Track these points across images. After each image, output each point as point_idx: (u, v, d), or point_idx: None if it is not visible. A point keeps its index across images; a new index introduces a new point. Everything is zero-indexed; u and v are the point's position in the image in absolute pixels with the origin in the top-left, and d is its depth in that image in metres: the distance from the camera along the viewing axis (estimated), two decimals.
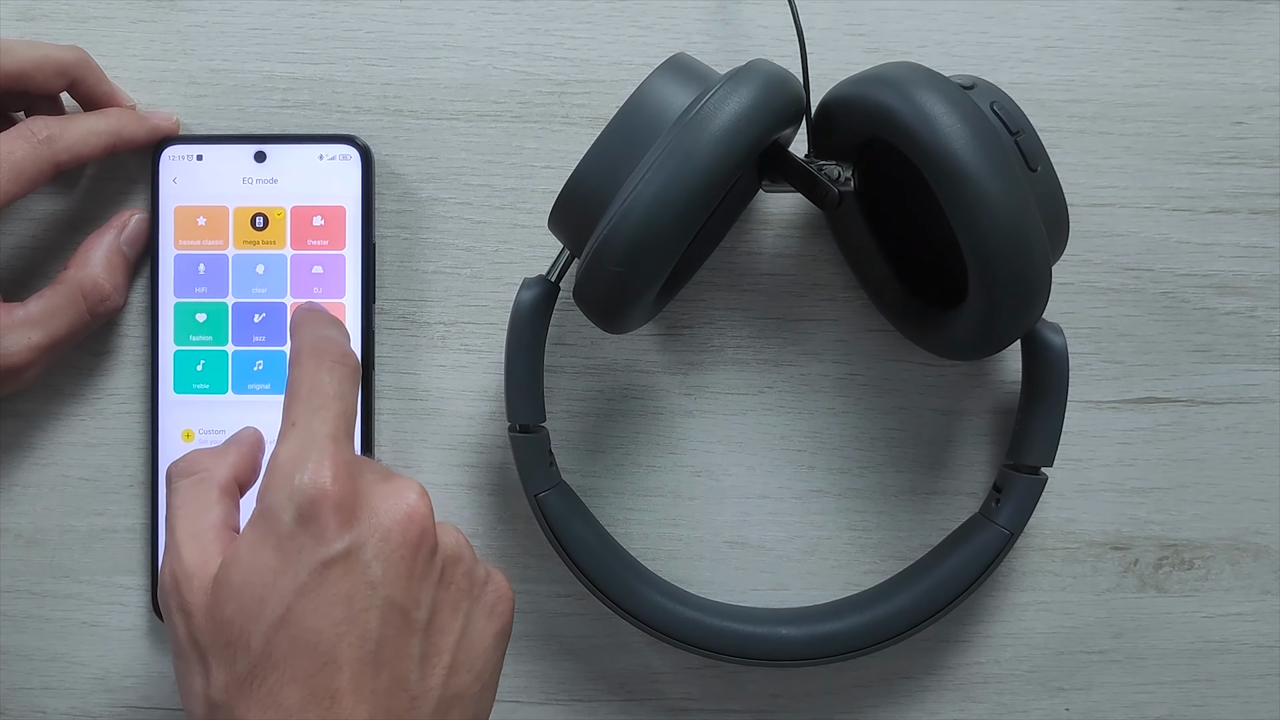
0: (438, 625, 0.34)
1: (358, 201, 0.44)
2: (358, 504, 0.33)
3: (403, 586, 0.33)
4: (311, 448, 0.34)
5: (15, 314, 0.41)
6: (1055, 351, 0.41)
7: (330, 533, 0.33)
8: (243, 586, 0.33)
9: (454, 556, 0.35)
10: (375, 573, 0.33)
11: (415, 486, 0.35)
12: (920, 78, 0.37)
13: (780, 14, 0.45)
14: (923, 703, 0.46)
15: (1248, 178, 0.45)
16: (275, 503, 0.33)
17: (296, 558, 0.32)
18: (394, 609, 0.33)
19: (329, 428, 0.34)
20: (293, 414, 0.35)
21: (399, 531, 0.33)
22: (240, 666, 0.32)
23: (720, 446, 0.45)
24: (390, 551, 0.33)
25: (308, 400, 0.35)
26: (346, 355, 0.36)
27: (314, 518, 0.33)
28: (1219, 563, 0.45)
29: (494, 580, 0.36)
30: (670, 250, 0.36)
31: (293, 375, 0.36)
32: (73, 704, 0.45)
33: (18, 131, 0.41)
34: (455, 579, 0.35)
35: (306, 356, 0.36)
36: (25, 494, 0.45)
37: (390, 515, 0.34)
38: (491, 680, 0.36)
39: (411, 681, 0.33)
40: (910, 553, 0.45)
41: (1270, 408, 0.45)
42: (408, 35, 0.45)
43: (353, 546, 0.33)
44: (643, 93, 0.38)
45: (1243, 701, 0.45)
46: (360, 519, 0.33)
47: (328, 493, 0.33)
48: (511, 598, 0.37)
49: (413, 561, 0.34)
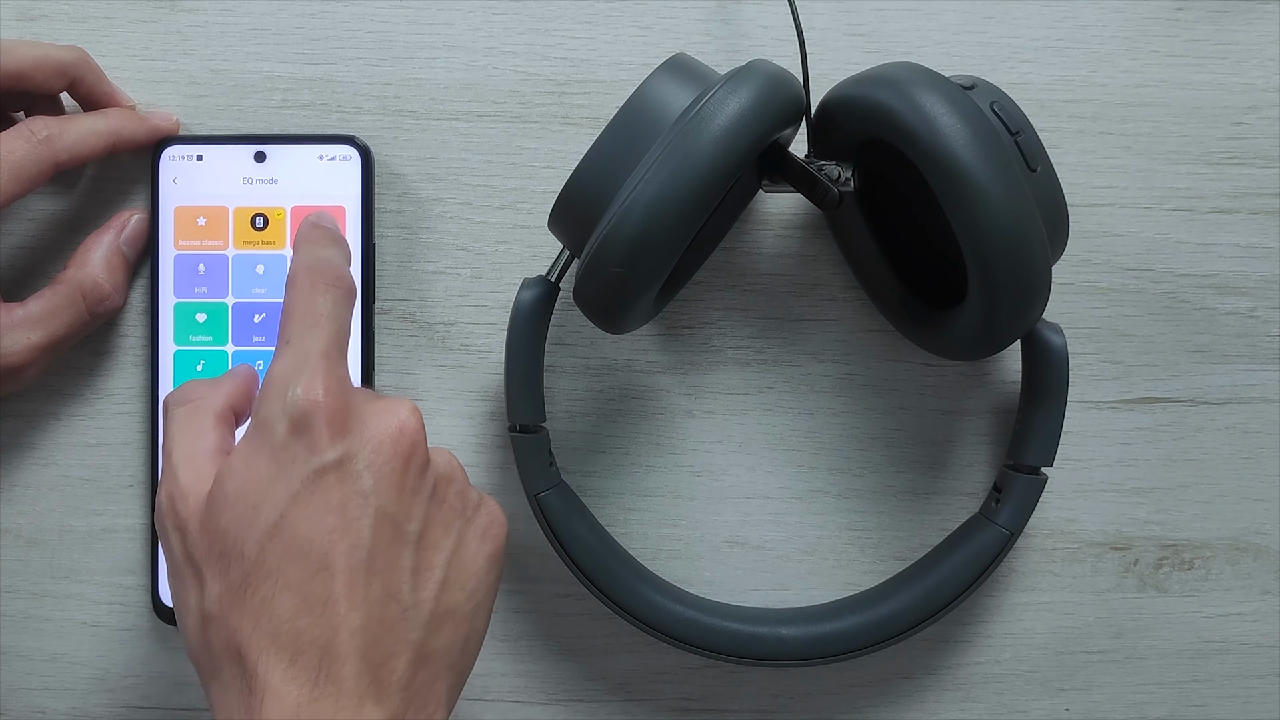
0: (430, 540, 0.35)
1: (358, 201, 0.44)
2: (350, 417, 0.34)
3: (394, 497, 0.34)
4: (305, 363, 0.34)
5: (15, 314, 0.41)
6: (1055, 351, 0.41)
7: (323, 443, 0.33)
8: (237, 496, 0.33)
9: (446, 476, 0.36)
10: (367, 483, 0.33)
11: (407, 404, 0.35)
12: (920, 78, 0.37)
13: (780, 14, 0.45)
14: (923, 703, 0.46)
15: (1248, 178, 0.45)
16: (269, 415, 0.34)
17: (290, 466, 0.33)
18: (386, 519, 0.33)
19: (322, 345, 0.35)
20: (287, 332, 0.35)
21: (390, 444, 0.34)
22: (234, 575, 0.32)
23: (720, 446, 0.45)
24: (382, 463, 0.33)
25: (302, 319, 0.35)
26: (342, 278, 0.37)
27: (307, 428, 0.33)
28: (1219, 563, 0.45)
29: (487, 504, 0.37)
30: (670, 250, 0.36)
31: (289, 295, 0.36)
32: (73, 704, 0.45)
33: (18, 131, 0.41)
34: (448, 497, 0.35)
35: (302, 277, 0.36)
36: (25, 494, 0.45)
37: (382, 429, 0.34)
38: (485, 601, 0.36)
39: (404, 592, 0.33)
40: (910, 553, 0.45)
41: (1270, 408, 0.45)
42: (408, 35, 0.45)
43: (344, 456, 0.33)
44: (643, 93, 0.38)
45: (1243, 701, 0.45)
46: (352, 431, 0.34)
47: (320, 404, 0.33)
48: (505, 523, 0.37)
49: (404, 474, 0.34)
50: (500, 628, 0.45)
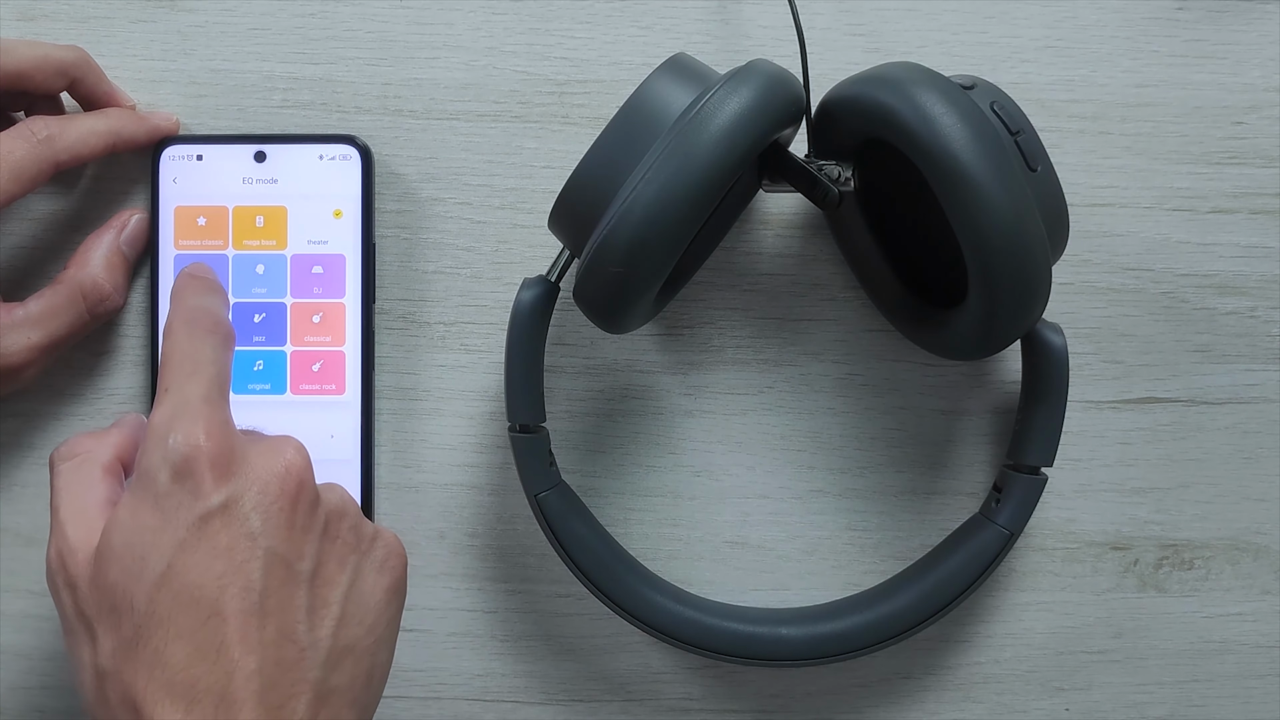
0: (324, 577, 0.34)
1: (358, 201, 0.44)
2: (233, 459, 0.34)
3: (284, 537, 0.33)
4: (185, 409, 0.34)
5: (15, 314, 0.41)
6: (1055, 351, 0.41)
7: (206, 487, 0.33)
8: (124, 549, 0.33)
9: (338, 511, 0.35)
10: (254, 524, 0.33)
11: (292, 442, 0.35)
12: (920, 78, 0.37)
13: (780, 14, 0.45)
14: (923, 703, 0.46)
15: (1248, 178, 0.45)
16: (151, 464, 0.33)
17: (175, 514, 0.33)
18: (276, 560, 0.33)
19: (202, 390, 0.35)
20: (166, 380, 0.35)
21: (276, 484, 0.34)
22: (126, 629, 0.32)
23: (720, 446, 0.45)
24: (269, 503, 0.33)
25: (180, 366, 0.35)
26: (219, 323, 0.37)
27: (189, 474, 0.33)
28: (1219, 563, 0.45)
29: (383, 536, 0.37)
30: (670, 250, 0.36)
31: (165, 344, 0.36)
32: (73, 703, 0.45)
33: (17, 131, 0.41)
34: (340, 532, 0.35)
35: (179, 325, 0.36)
36: (25, 494, 0.45)
37: (267, 469, 0.34)
38: (386, 635, 0.36)
39: (299, 632, 0.33)
40: (910, 553, 0.45)
41: (1270, 408, 0.45)
42: (408, 35, 0.45)
43: (230, 500, 0.33)
44: (643, 93, 0.38)
45: (1243, 701, 0.45)
46: (236, 474, 0.33)
47: (201, 449, 0.33)
48: (403, 554, 0.37)
49: (292, 513, 0.34)
50: (500, 628, 0.45)
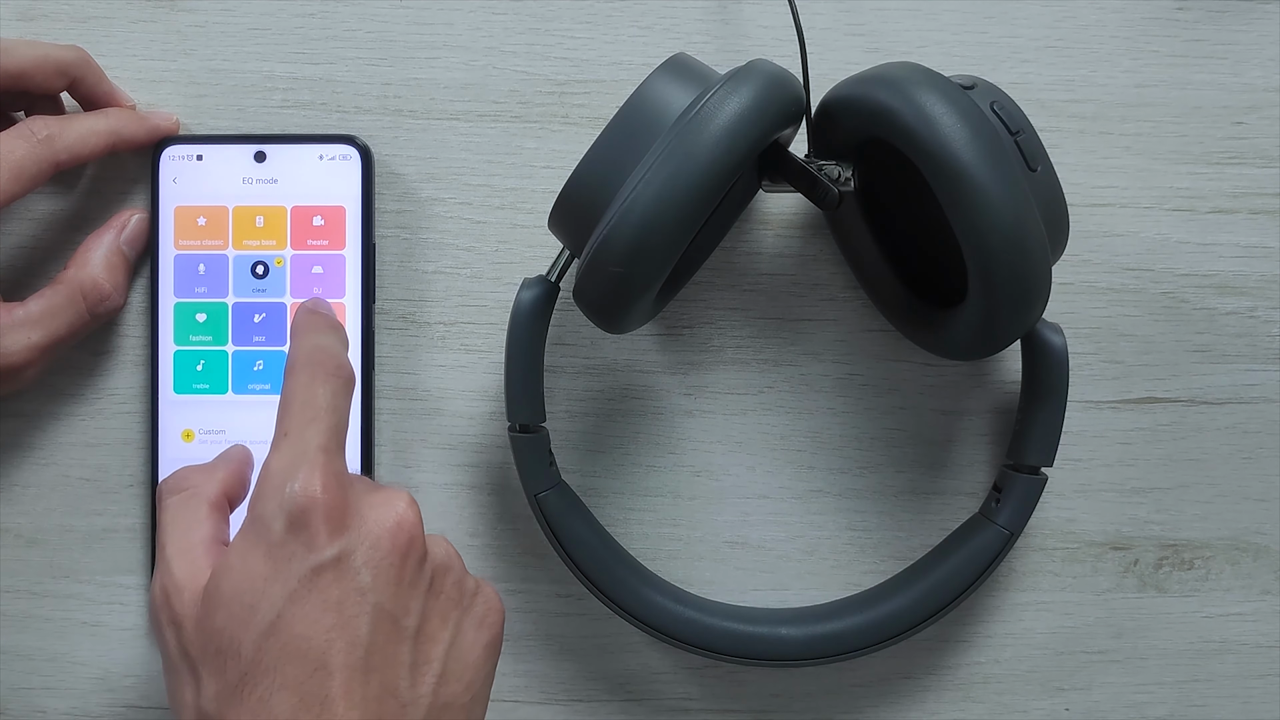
0: (427, 633, 0.34)
1: (358, 201, 0.44)
2: (347, 512, 0.34)
3: (392, 593, 0.33)
4: (303, 458, 0.34)
5: (15, 314, 0.41)
6: (1055, 351, 0.41)
7: (320, 540, 0.33)
8: (233, 594, 0.33)
9: (444, 566, 0.35)
10: (365, 579, 0.33)
11: (404, 496, 0.35)
12: (920, 78, 0.37)
13: (780, 14, 0.45)
14: (923, 703, 0.46)
15: (1248, 178, 0.45)
16: (266, 511, 0.33)
17: (287, 565, 0.33)
18: (384, 615, 0.33)
19: (321, 439, 0.34)
20: (285, 424, 0.35)
21: (388, 539, 0.34)
22: (231, 674, 0.32)
23: (720, 446, 0.45)
24: (380, 559, 0.33)
25: (301, 412, 0.35)
26: (341, 367, 0.37)
27: (304, 525, 0.33)
28: (1219, 563, 0.45)
29: (483, 592, 0.37)
30: (670, 250, 0.36)
31: (287, 385, 0.36)
32: (73, 704, 0.45)
33: (18, 131, 0.41)
34: (445, 588, 0.35)
35: (301, 367, 0.36)
36: (25, 494, 0.45)
37: (380, 524, 0.34)
38: (482, 692, 0.36)
39: (402, 689, 0.33)
40: (910, 553, 0.45)
41: (1270, 408, 0.45)
42: (408, 35, 0.45)
43: (342, 554, 0.33)
44: (643, 93, 0.38)
45: (1243, 701, 0.45)
46: (350, 527, 0.33)
47: (318, 501, 0.33)
48: (501, 609, 0.37)
49: (402, 569, 0.34)
50: None
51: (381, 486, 0.36)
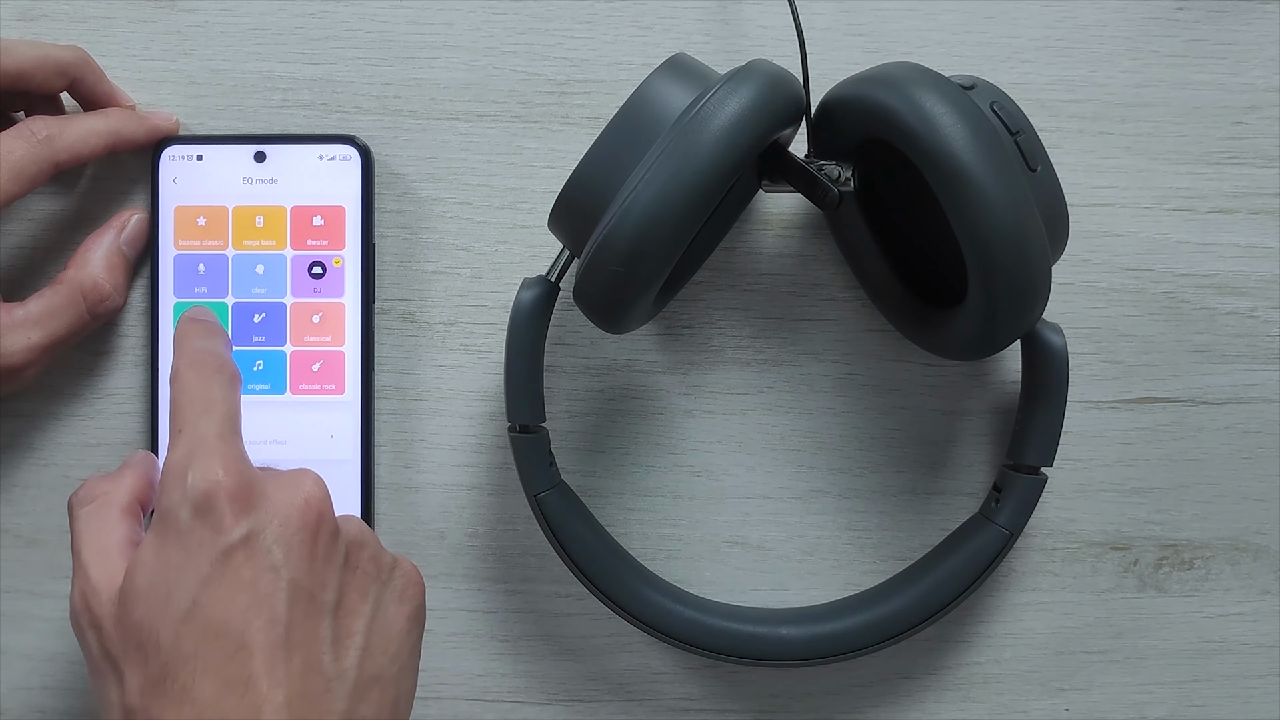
0: (347, 607, 0.35)
1: (358, 201, 0.44)
2: (252, 493, 0.34)
3: (306, 569, 0.34)
4: (200, 447, 0.34)
5: (15, 314, 0.41)
6: (1055, 351, 0.41)
7: (227, 522, 0.33)
8: (148, 587, 0.33)
9: (358, 542, 0.36)
10: (277, 556, 0.33)
11: (310, 475, 0.35)
12: (920, 78, 0.37)
13: (780, 14, 0.45)
14: (923, 703, 0.46)
15: (1248, 178, 0.45)
16: (171, 503, 0.34)
17: (198, 550, 0.33)
18: (300, 591, 0.33)
19: (215, 427, 0.35)
20: (178, 421, 0.36)
21: (297, 516, 0.34)
22: (153, 666, 0.32)
23: (720, 446, 0.45)
24: (290, 535, 0.34)
25: (191, 406, 0.36)
26: (225, 364, 0.37)
27: (210, 510, 0.33)
28: (1219, 563, 0.45)
29: (401, 565, 0.37)
30: (670, 250, 0.36)
31: (174, 388, 0.37)
32: (73, 704, 0.45)
33: (17, 131, 0.41)
34: (361, 563, 0.35)
35: (186, 369, 0.37)
36: (25, 494, 0.45)
37: (287, 501, 0.34)
38: (409, 663, 0.36)
39: (325, 664, 0.33)
40: (910, 553, 0.45)
41: (1270, 408, 0.45)
42: (408, 35, 0.45)
43: (251, 533, 0.33)
44: (643, 93, 0.38)
45: (1243, 701, 0.45)
46: (257, 507, 0.34)
47: (220, 484, 0.33)
48: (421, 582, 0.37)
49: (314, 545, 0.34)
50: (500, 628, 0.45)
51: (285, 470, 0.36)
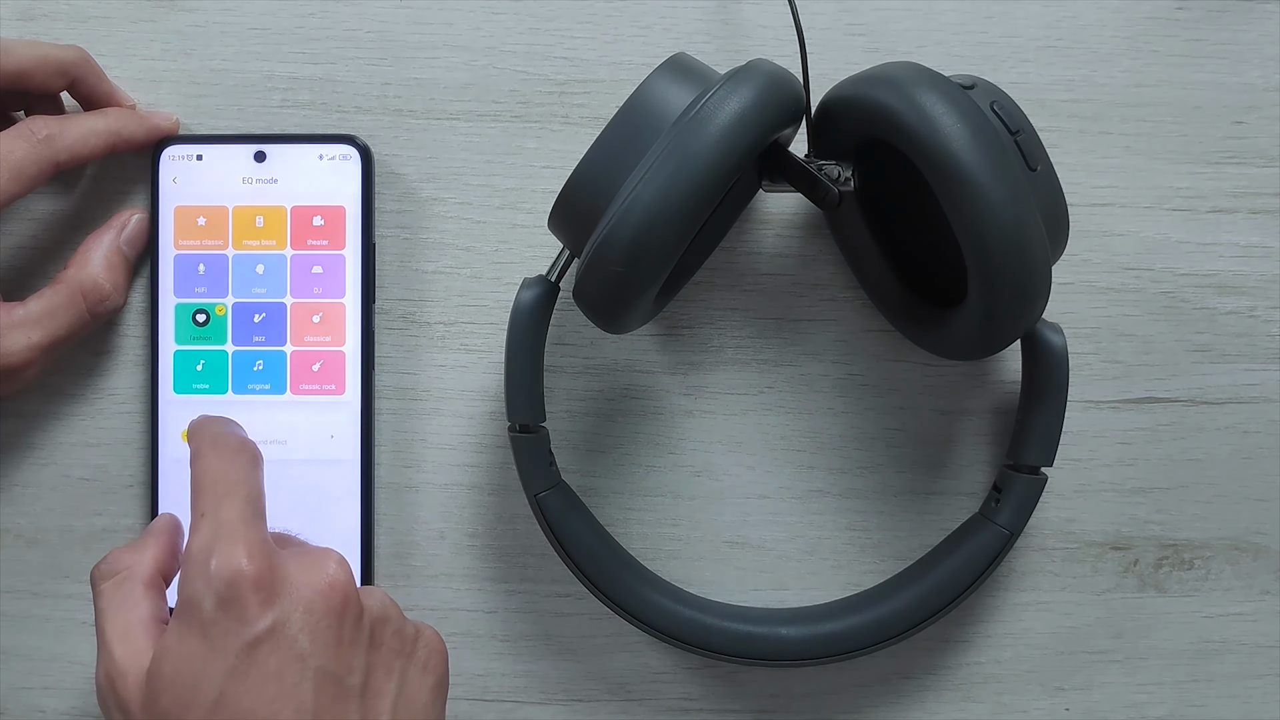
0: (373, 688, 0.35)
1: (358, 201, 0.44)
2: (275, 580, 0.34)
3: (333, 655, 0.33)
4: (222, 533, 0.34)
5: (15, 314, 0.41)
6: (1055, 351, 0.41)
7: (252, 612, 0.33)
8: (174, 677, 0.33)
9: (381, 618, 0.36)
10: (303, 645, 0.33)
11: (333, 555, 0.35)
12: (920, 78, 0.37)
13: (780, 14, 0.45)
14: (923, 703, 0.46)
15: (1248, 178, 0.45)
16: (194, 592, 0.33)
17: (222, 641, 0.33)
18: (326, 678, 0.33)
19: (237, 511, 0.35)
20: (200, 505, 0.35)
21: (322, 601, 0.34)
22: None
23: (720, 446, 0.45)
24: (315, 622, 0.33)
25: (212, 490, 0.35)
26: (245, 444, 0.37)
27: (234, 600, 0.33)
28: (1219, 563, 0.45)
29: (424, 635, 0.37)
30: (670, 250, 0.36)
31: (195, 469, 0.36)
32: (73, 704, 0.45)
33: (18, 131, 0.41)
34: (385, 639, 0.35)
35: (206, 449, 0.37)
36: (25, 494, 0.45)
37: (311, 586, 0.34)
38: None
39: None
40: (910, 553, 0.45)
41: (1270, 408, 0.45)
42: (408, 35, 0.45)
43: (276, 623, 0.33)
44: (643, 93, 0.38)
45: (1243, 701, 0.45)
46: (281, 594, 0.33)
47: (244, 573, 0.33)
48: (444, 650, 0.37)
49: (339, 629, 0.34)
50: (500, 628, 0.45)
51: (309, 548, 0.36)
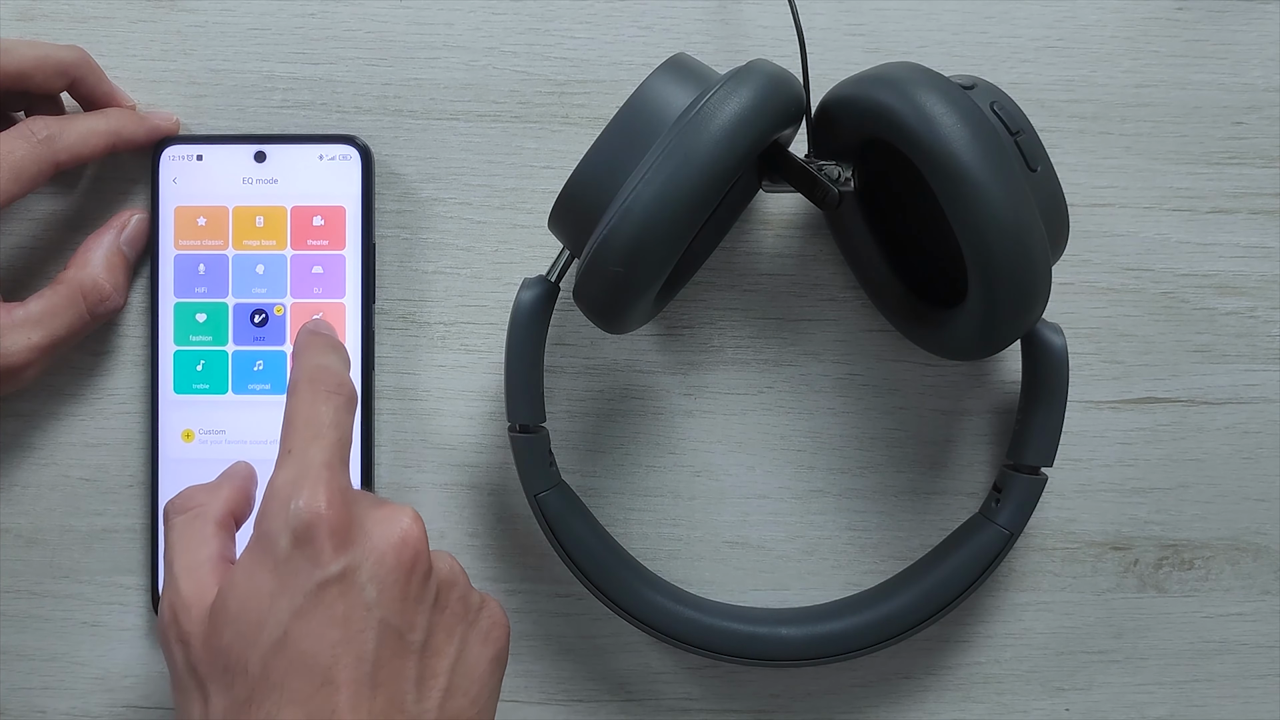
0: (433, 647, 0.35)
1: (358, 201, 0.44)
2: (352, 528, 0.34)
3: (398, 608, 0.34)
4: (307, 474, 0.34)
5: (15, 314, 0.41)
6: (1055, 351, 0.41)
7: (326, 555, 0.33)
8: (240, 612, 0.33)
9: (449, 581, 0.36)
10: (370, 594, 0.33)
11: (409, 512, 0.35)
12: (920, 78, 0.37)
13: (780, 14, 0.45)
14: (923, 703, 0.46)
15: (1248, 178, 0.45)
16: (272, 528, 0.33)
17: (293, 580, 0.33)
18: (389, 630, 0.33)
19: (325, 455, 0.35)
20: (289, 442, 0.35)
21: (393, 554, 0.34)
22: (239, 691, 0.32)
23: (720, 446, 0.45)
24: (385, 574, 0.33)
25: (305, 429, 0.35)
26: (343, 384, 0.37)
27: (309, 541, 0.33)
28: (1219, 563, 0.45)
29: (489, 606, 0.37)
30: (670, 250, 0.36)
31: (290, 404, 0.36)
32: (73, 704, 0.45)
33: (18, 131, 0.41)
34: (450, 603, 0.35)
35: (304, 385, 0.36)
36: (25, 494, 0.45)
37: (385, 539, 0.34)
38: (489, 706, 0.36)
39: (408, 703, 0.33)
40: (910, 553, 0.45)
41: (1270, 408, 0.45)
42: (408, 35, 0.45)
43: (348, 569, 0.33)
44: (643, 93, 0.38)
45: (1243, 701, 0.45)
46: (355, 542, 0.34)
47: (323, 516, 0.33)
48: (507, 624, 0.37)
49: (407, 584, 0.34)
50: None
51: (386, 502, 0.36)
